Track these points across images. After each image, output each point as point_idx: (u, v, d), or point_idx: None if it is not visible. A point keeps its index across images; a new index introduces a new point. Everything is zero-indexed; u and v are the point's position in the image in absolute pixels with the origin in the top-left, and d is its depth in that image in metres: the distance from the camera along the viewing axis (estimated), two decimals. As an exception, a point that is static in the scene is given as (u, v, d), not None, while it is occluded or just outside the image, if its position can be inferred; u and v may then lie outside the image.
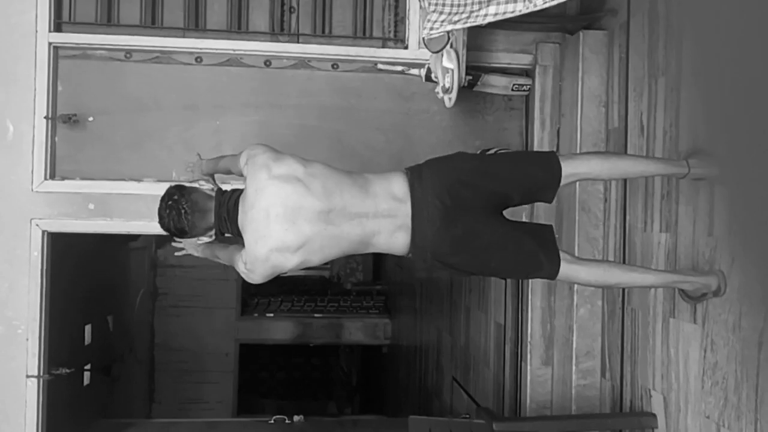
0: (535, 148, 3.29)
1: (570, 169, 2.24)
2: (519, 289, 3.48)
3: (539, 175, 2.24)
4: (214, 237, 2.20)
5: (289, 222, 2.11)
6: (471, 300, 4.57)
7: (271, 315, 7.77)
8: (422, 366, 6.24)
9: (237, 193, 2.19)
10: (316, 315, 8.01)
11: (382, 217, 2.17)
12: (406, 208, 2.17)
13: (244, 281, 8.33)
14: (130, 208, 3.13)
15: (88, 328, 4.57)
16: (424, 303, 6.24)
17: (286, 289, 8.57)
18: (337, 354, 9.94)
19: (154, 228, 2.35)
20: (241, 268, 2.18)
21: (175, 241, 2.39)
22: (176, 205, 2.14)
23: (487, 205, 2.21)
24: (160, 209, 2.16)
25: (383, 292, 9.14)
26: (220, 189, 2.22)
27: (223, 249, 2.29)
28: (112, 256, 5.44)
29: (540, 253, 2.21)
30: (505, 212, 2.30)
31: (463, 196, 2.17)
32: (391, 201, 2.17)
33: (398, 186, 2.20)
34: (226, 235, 2.23)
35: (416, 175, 2.21)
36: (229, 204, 2.17)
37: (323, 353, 9.58)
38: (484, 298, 4.22)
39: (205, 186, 2.21)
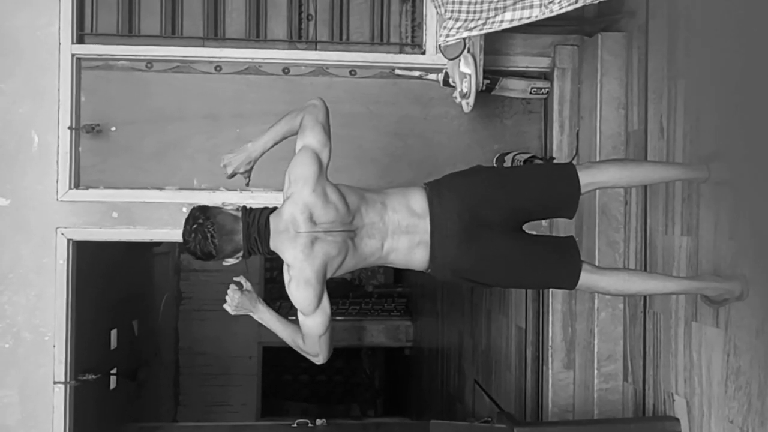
0: (554, 152, 3.29)
1: (588, 178, 2.23)
2: (540, 293, 3.48)
3: (559, 190, 2.23)
4: (241, 258, 2.17)
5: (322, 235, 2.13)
6: (492, 303, 4.56)
7: (293, 318, 7.79)
8: (444, 369, 6.24)
9: (267, 211, 2.17)
10: (338, 318, 8.02)
11: (401, 234, 2.17)
12: (425, 225, 2.17)
13: (266, 284, 8.32)
14: (152, 216, 3.16)
15: (113, 333, 4.63)
16: (446, 306, 6.24)
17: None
18: (360, 357, 9.95)
19: (176, 235, 2.36)
20: (300, 319, 2.14)
21: (233, 282, 2.26)
22: (201, 229, 2.09)
23: (507, 221, 2.21)
24: (184, 233, 2.12)
25: (404, 294, 9.13)
26: (245, 207, 2.20)
27: (281, 322, 2.23)
28: (136, 261, 5.50)
29: (560, 266, 2.21)
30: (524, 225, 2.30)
31: (483, 212, 2.17)
32: (409, 217, 2.18)
33: (417, 202, 2.20)
34: (255, 255, 2.21)
35: (435, 192, 2.21)
36: (259, 223, 2.14)
37: (346, 356, 9.58)
38: (504, 301, 4.22)
39: (229, 206, 2.19)
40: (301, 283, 2.10)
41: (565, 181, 2.23)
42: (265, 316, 2.22)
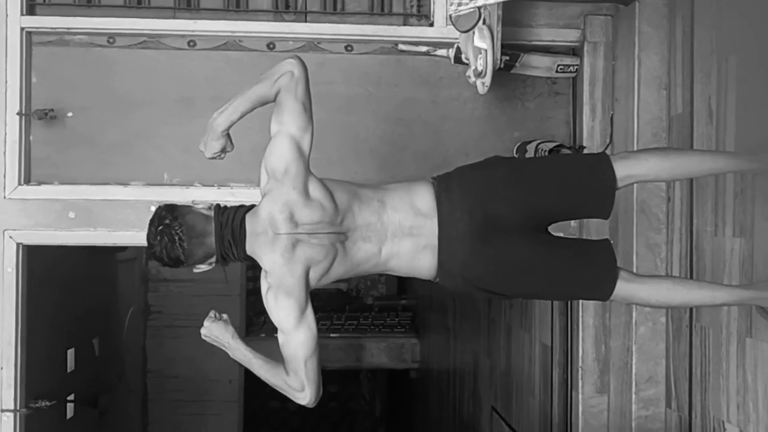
0: (584, 140, 3.30)
1: (624, 170, 2.22)
2: (568, 306, 3.49)
3: (591, 185, 2.22)
4: (214, 265, 2.17)
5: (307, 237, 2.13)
6: (512, 317, 4.57)
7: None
8: (456, 393, 6.24)
9: (243, 210, 2.18)
10: (332, 335, 8.04)
11: (403, 236, 2.17)
12: (432, 226, 2.17)
13: (248, 295, 8.34)
14: (116, 216, 3.18)
15: (71, 353, 4.63)
16: (458, 320, 6.25)
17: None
18: (358, 380, 9.96)
19: (143, 239, 2.35)
20: (281, 339, 2.13)
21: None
22: (168, 230, 2.09)
23: (528, 221, 2.20)
24: (149, 236, 2.12)
25: (410, 307, 9.14)
26: (218, 205, 2.20)
27: (259, 357, 2.18)
28: (97, 270, 5.51)
29: (592, 274, 2.21)
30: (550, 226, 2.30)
31: (500, 211, 2.17)
32: (414, 217, 2.17)
33: (423, 199, 2.19)
34: (230, 262, 2.21)
35: (444, 187, 2.20)
36: (234, 224, 2.14)
37: (342, 379, 9.60)
38: (527, 315, 4.23)
39: (200, 204, 2.18)
40: (280, 293, 2.10)
41: (597, 175, 2.22)
42: (238, 353, 2.19)
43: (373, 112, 3.29)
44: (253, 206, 2.20)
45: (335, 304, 9.16)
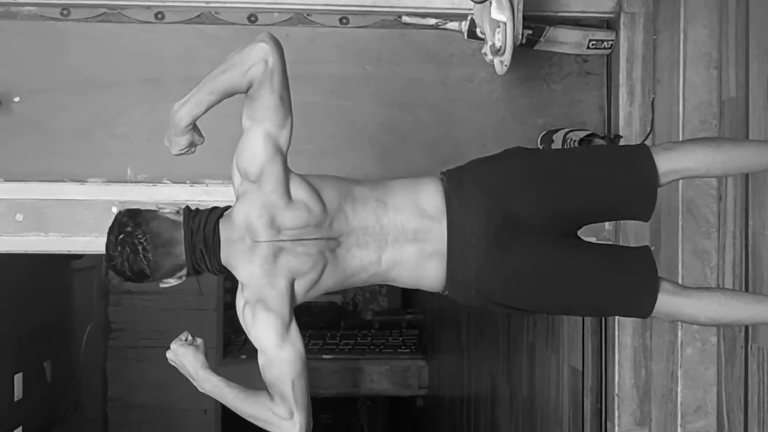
0: (621, 128, 3.29)
1: (668, 164, 2.21)
2: (602, 323, 3.49)
3: (629, 182, 2.21)
4: (184, 278, 2.17)
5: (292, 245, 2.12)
6: (536, 336, 4.58)
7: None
8: (471, 424, 6.26)
9: (216, 214, 2.17)
10: (325, 356, 8.07)
11: (406, 242, 2.16)
12: (441, 230, 2.16)
13: (225, 310, 8.38)
14: (71, 218, 3.17)
15: (18, 378, 4.63)
16: (473, 338, 6.27)
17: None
18: (355, 409, 9.96)
19: (103, 245, 2.35)
20: (262, 361, 2.10)
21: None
22: (130, 239, 2.07)
23: (555, 223, 2.20)
24: (108, 247, 2.09)
25: (416, 323, 9.16)
26: (188, 209, 2.19)
27: (234, 388, 2.14)
28: (50, 281, 5.51)
29: (629, 286, 2.20)
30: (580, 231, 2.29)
31: (521, 211, 2.16)
32: (419, 219, 2.16)
33: (430, 197, 2.18)
34: (203, 273, 2.21)
35: (455, 183, 2.19)
36: (206, 230, 2.13)
37: (336, 408, 9.60)
38: (554, 333, 4.24)
39: (167, 208, 2.17)
40: (258, 307, 2.09)
41: (636, 169, 2.21)
42: (208, 384, 2.14)
43: (372, 95, 3.29)
44: (228, 208, 2.19)
45: (328, 320, 9.18)
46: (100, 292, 7.09)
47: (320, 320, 9.09)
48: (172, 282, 2.17)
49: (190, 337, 2.20)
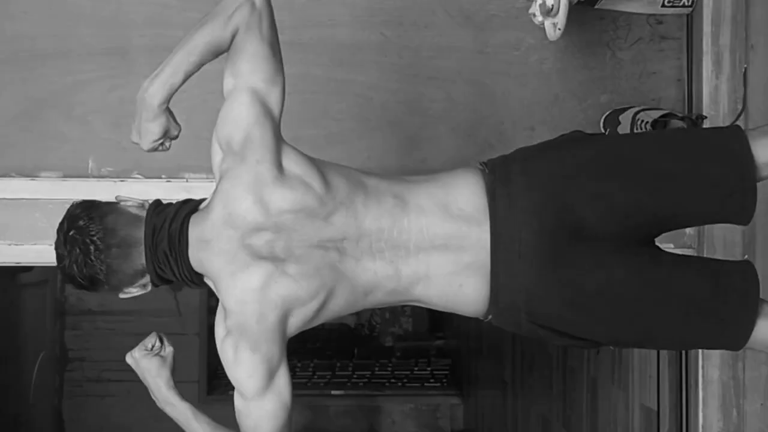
0: (705, 107, 3.27)
1: (767, 152, 2.19)
2: (681, 352, 3.45)
3: (718, 175, 2.18)
4: (149, 288, 2.19)
5: (284, 252, 2.12)
6: (599, 368, 4.55)
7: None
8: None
9: (188, 207, 2.19)
10: (334, 392, 7.97)
11: (432, 249, 2.15)
12: (481, 236, 2.15)
13: (209, 335, 8.46)
14: (18, 222, 3.20)
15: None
16: (520, 370, 6.23)
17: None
18: (374, 459, 9.96)
19: (57, 254, 2.40)
20: (238, 404, 2.16)
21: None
22: (81, 236, 2.09)
23: (625, 229, 2.19)
24: (57, 245, 2.12)
25: (447, 351, 9.06)
26: (157, 202, 2.22)
27: (202, 421, 2.22)
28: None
29: (725, 314, 2.17)
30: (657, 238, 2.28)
31: (584, 213, 2.15)
32: (450, 221, 2.16)
33: (467, 194, 2.18)
34: (169, 282, 2.22)
35: (500, 176, 2.19)
36: (171, 226, 2.14)
37: (349, 458, 9.62)
38: (621, 365, 4.21)
39: (129, 200, 2.21)
40: (243, 349, 2.12)
41: (728, 159, 2.19)
42: (171, 409, 2.21)
43: (392, 67, 3.28)
44: (203, 200, 2.20)
45: (339, 347, 9.06)
46: (54, 313, 7.06)
47: (329, 347, 8.95)
48: (133, 292, 2.20)
49: (158, 344, 2.23)
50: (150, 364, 2.21)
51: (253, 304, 2.10)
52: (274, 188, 2.10)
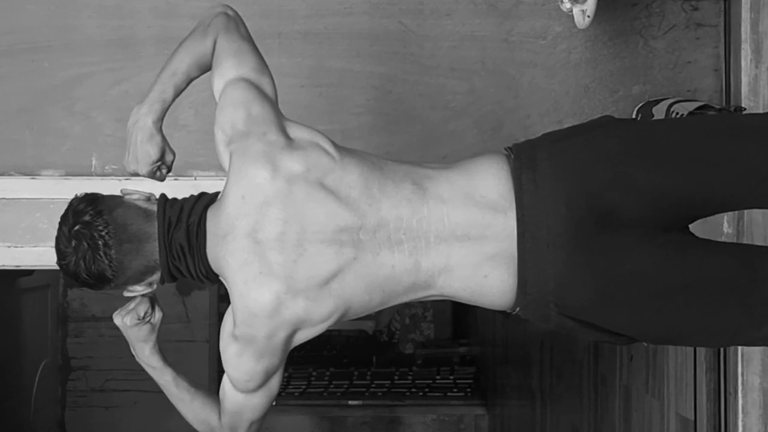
0: (744, 98, 3.26)
1: None
2: (720, 357, 3.47)
3: (759, 161, 2.19)
4: (156, 287, 2.21)
5: (296, 249, 2.13)
6: (632, 375, 4.58)
7: (273, 403, 7.86)
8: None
9: (204, 201, 2.21)
10: (351, 402, 8.09)
11: (454, 240, 2.15)
12: (507, 224, 2.15)
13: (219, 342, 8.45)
14: (18, 223, 3.21)
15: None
16: (549, 378, 6.30)
17: (299, 357, 8.69)
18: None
19: (60, 258, 2.39)
20: (227, 388, 2.25)
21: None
22: (89, 232, 2.10)
23: (658, 215, 2.18)
24: (59, 241, 2.14)
25: (472, 358, 9.14)
26: (164, 196, 2.22)
27: (182, 388, 2.32)
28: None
29: (758, 304, 2.17)
30: (692, 225, 2.28)
31: (615, 199, 2.15)
32: (474, 209, 2.16)
33: (492, 180, 2.18)
34: (176, 280, 2.25)
35: (526, 161, 2.19)
36: (189, 220, 2.16)
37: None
38: (656, 372, 4.23)
39: (135, 194, 2.21)
40: (247, 356, 2.17)
41: (762, 141, 2.21)
42: (150, 370, 2.31)
43: (411, 57, 3.30)
44: (218, 193, 2.23)
45: (356, 355, 9.19)
46: (56, 319, 7.14)
47: (345, 355, 9.10)
48: (138, 290, 2.21)
49: (149, 311, 2.27)
50: (140, 331, 2.28)
51: (264, 320, 2.15)
52: (284, 152, 2.16)
